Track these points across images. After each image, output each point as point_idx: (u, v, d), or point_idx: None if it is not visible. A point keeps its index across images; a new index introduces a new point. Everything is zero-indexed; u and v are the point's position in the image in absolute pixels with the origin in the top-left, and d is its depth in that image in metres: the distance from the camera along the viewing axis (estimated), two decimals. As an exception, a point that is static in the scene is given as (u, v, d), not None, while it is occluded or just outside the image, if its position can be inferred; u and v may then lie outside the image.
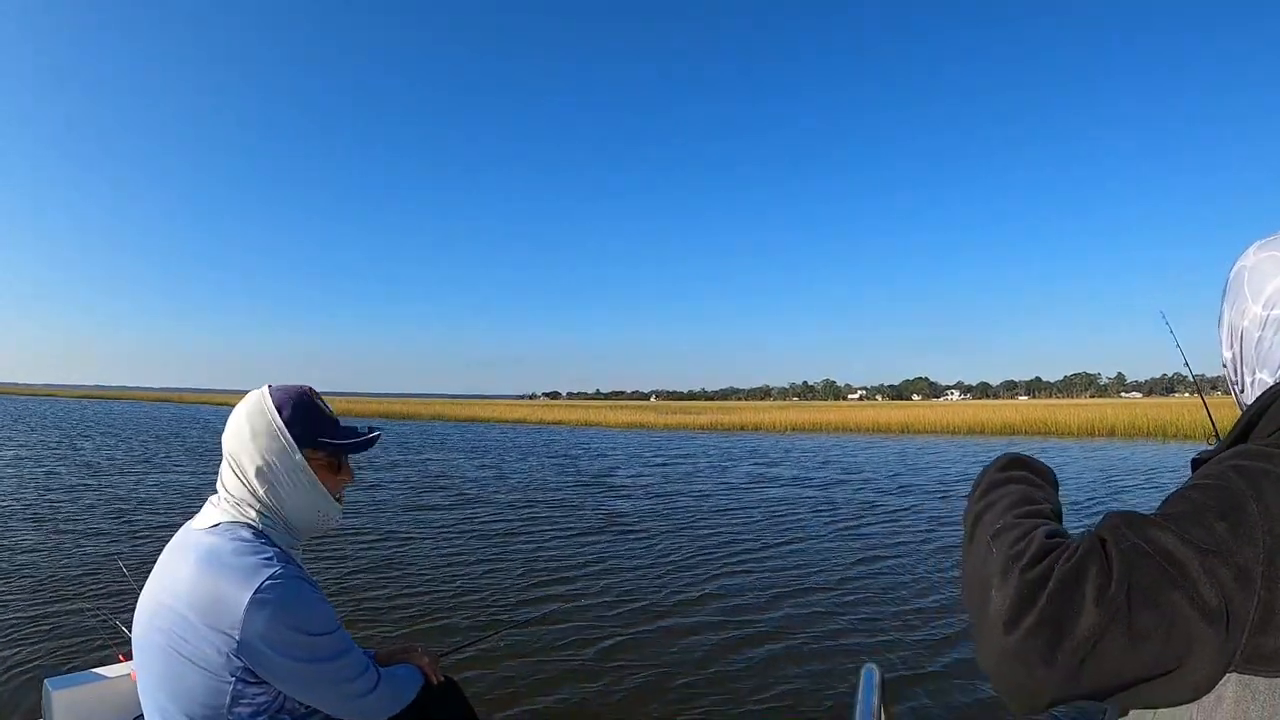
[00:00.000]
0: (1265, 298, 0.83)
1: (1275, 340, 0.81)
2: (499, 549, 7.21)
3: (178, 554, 1.24)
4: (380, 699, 1.33)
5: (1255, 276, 0.85)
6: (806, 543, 7.68)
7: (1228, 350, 0.90)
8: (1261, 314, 0.83)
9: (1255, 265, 0.86)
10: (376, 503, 10.07)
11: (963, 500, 0.85)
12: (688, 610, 5.25)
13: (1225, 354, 0.91)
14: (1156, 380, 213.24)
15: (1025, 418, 30.98)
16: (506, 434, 30.63)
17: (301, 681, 1.21)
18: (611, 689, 3.85)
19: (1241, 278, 0.87)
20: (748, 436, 30.07)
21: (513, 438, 27.60)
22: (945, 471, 15.39)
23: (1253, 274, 0.85)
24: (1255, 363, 0.84)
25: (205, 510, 1.32)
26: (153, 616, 1.21)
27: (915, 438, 28.38)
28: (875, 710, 1.18)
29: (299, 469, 1.31)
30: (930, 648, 4.46)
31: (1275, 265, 0.83)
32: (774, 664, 4.22)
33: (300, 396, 1.36)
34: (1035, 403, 69.50)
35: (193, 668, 1.15)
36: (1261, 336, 0.83)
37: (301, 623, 1.19)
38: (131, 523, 8.25)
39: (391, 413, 50.53)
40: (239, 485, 1.29)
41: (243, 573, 1.16)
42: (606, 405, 63.88)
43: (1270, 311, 0.82)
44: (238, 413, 1.33)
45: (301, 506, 1.32)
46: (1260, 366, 0.83)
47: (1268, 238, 0.88)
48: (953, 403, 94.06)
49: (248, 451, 1.28)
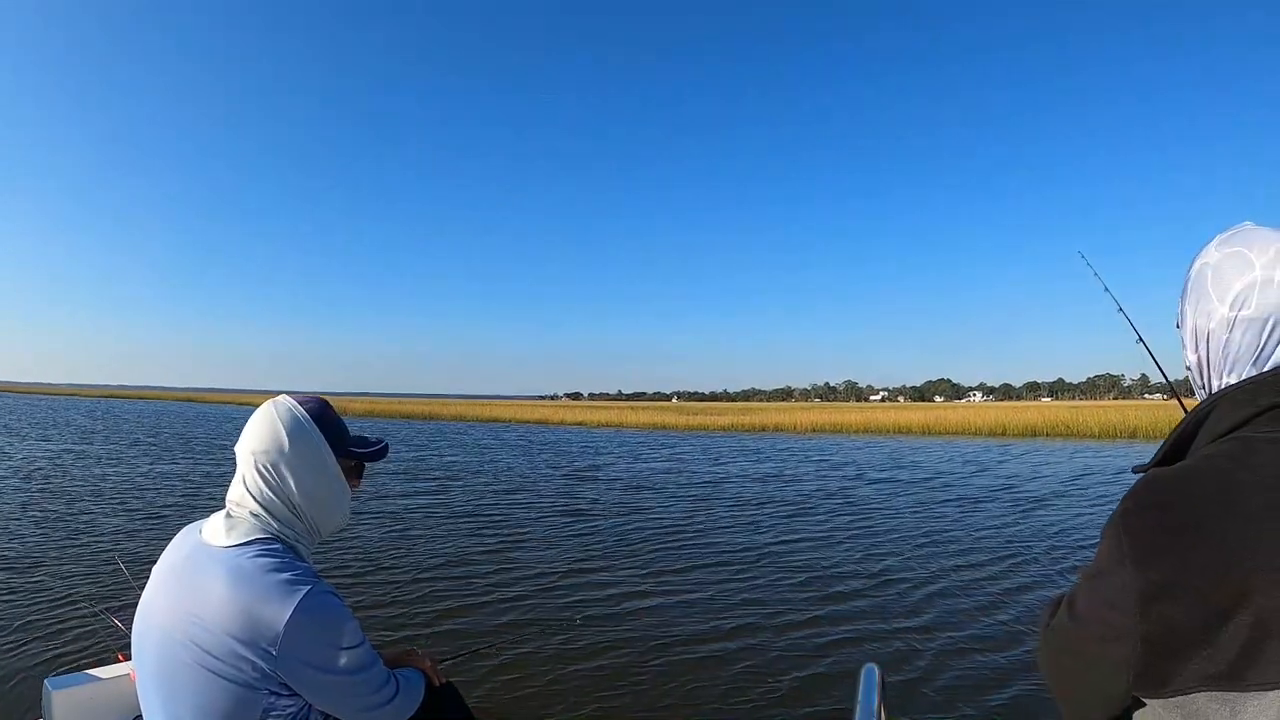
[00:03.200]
0: (1232, 297, 0.79)
1: (1244, 342, 0.78)
2: (502, 551, 7.16)
3: (200, 570, 1.23)
4: (398, 707, 1.37)
5: (1219, 275, 0.81)
6: (809, 542, 7.70)
7: (1192, 354, 0.86)
8: (1229, 315, 0.79)
9: (1218, 263, 0.82)
10: (383, 504, 10.03)
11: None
12: (688, 610, 5.25)
13: (1190, 357, 0.87)
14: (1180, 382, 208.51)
15: (1047, 419, 30.80)
16: (525, 434, 30.79)
17: (334, 693, 1.24)
18: (611, 689, 3.84)
19: (1204, 276, 0.83)
20: (768, 437, 30.10)
21: (531, 439, 27.76)
22: (957, 473, 15.35)
23: (1216, 272, 0.82)
24: (1223, 366, 0.81)
25: (220, 523, 1.28)
26: (173, 633, 1.20)
27: (936, 439, 28.28)
28: (876, 710, 1.20)
29: (335, 477, 1.36)
30: (931, 647, 4.47)
31: (1240, 262, 0.80)
32: (774, 663, 4.22)
33: (326, 406, 1.40)
34: (1057, 404, 68.70)
35: (224, 683, 1.17)
36: (1229, 339, 0.80)
37: (336, 638, 1.22)
38: (131, 521, 8.25)
39: (413, 413, 50.58)
40: (269, 495, 1.28)
41: (279, 591, 1.18)
42: (627, 406, 63.80)
43: (1238, 312, 0.79)
44: (270, 423, 1.31)
45: (332, 513, 1.37)
46: (1229, 370, 0.81)
47: (1229, 231, 0.84)
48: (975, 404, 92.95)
49: (287, 460, 1.29)
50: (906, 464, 17.42)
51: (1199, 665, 0.65)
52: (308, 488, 1.31)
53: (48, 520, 8.16)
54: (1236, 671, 0.64)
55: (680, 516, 9.46)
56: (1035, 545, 7.55)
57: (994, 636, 4.66)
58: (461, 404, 63.93)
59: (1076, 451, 20.94)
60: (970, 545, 7.56)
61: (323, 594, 1.22)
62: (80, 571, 5.95)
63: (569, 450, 21.93)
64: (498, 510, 9.82)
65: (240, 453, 1.31)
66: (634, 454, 20.91)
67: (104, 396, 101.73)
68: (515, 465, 16.77)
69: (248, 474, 1.29)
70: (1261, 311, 0.77)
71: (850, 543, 7.71)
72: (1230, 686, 0.64)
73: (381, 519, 8.81)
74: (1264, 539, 0.64)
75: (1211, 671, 0.64)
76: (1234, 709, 0.65)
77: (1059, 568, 6.52)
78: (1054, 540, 7.82)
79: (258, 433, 1.30)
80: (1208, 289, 0.82)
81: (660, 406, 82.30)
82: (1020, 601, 5.47)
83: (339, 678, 1.23)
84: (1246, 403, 0.73)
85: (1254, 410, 0.72)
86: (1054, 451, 21.07)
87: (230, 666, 1.16)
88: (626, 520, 9.12)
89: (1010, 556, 6.98)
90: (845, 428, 34.51)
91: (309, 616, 1.18)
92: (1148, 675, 0.68)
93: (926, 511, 9.84)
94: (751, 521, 9.08)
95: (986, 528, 8.60)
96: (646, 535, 8.10)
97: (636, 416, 42.59)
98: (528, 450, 21.70)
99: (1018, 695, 3.76)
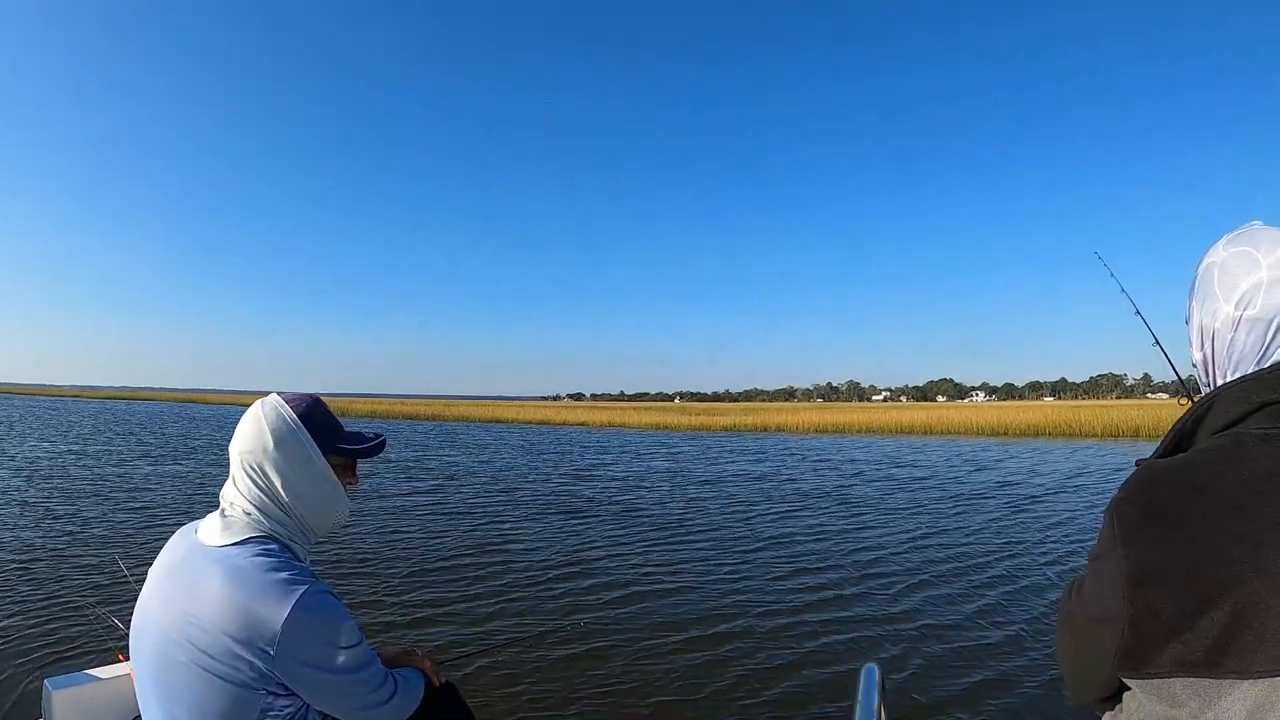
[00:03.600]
0: (1238, 297, 0.80)
1: (1249, 341, 0.79)
2: (502, 551, 7.15)
3: (196, 570, 1.23)
4: (396, 707, 1.36)
5: (1226, 274, 0.82)
6: (808, 542, 7.72)
7: (1198, 352, 0.87)
8: (1234, 314, 0.80)
9: (1225, 261, 0.82)
10: (383, 504, 10.01)
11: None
12: (688, 609, 5.24)
13: (1195, 355, 0.88)
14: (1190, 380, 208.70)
15: (1049, 419, 30.80)
16: (527, 435, 30.86)
17: (332, 693, 1.24)
18: (611, 689, 3.85)
19: (1211, 275, 0.84)
20: (769, 437, 30.15)
21: (532, 439, 27.81)
22: (956, 472, 15.37)
23: (1223, 271, 0.82)
24: (1228, 365, 0.82)
25: (215, 523, 1.28)
26: (170, 632, 1.20)
27: (938, 439, 28.35)
28: (876, 710, 1.20)
29: (324, 476, 1.35)
30: (932, 647, 4.47)
31: (1247, 261, 0.80)
32: (774, 663, 4.23)
33: (315, 404, 1.39)
34: (1060, 404, 68.72)
35: (221, 683, 1.17)
36: (1234, 338, 0.80)
37: (333, 637, 1.22)
38: (131, 521, 8.28)
39: (416, 414, 50.70)
40: (259, 495, 1.29)
41: (276, 590, 1.17)
42: (630, 406, 64.00)
43: (1243, 312, 0.79)
44: (256, 422, 1.32)
45: (324, 511, 1.36)
46: (1233, 369, 0.81)
47: (1237, 230, 0.84)
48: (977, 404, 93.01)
49: (272, 460, 1.29)
50: (905, 463, 17.47)
51: (1177, 650, 0.67)
52: (295, 487, 1.31)
53: (48, 520, 8.18)
54: (1212, 659, 0.65)
55: (678, 516, 9.47)
56: (1035, 544, 7.55)
57: (995, 636, 4.67)
58: (464, 404, 64.15)
59: (1076, 450, 20.96)
60: (971, 544, 7.58)
61: (320, 593, 1.22)
62: (80, 571, 5.97)
63: (570, 450, 22.03)
64: (497, 510, 9.84)
65: (232, 454, 1.33)
66: (634, 454, 21.02)
67: (108, 398, 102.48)
68: (515, 465, 16.83)
69: (237, 475, 1.31)
70: (1267, 312, 0.77)
71: (850, 542, 7.73)
72: (1206, 673, 0.66)
73: (381, 518, 8.83)
74: (1247, 532, 0.66)
75: (1189, 658, 0.66)
76: (1207, 696, 0.67)
77: (1060, 569, 6.50)
78: (1055, 539, 7.82)
79: (245, 433, 1.32)
80: (1214, 288, 0.83)
81: (662, 407, 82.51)
82: (1021, 601, 5.48)
83: (337, 677, 1.23)
84: (1242, 399, 0.74)
85: (1249, 407, 0.73)
86: (1054, 451, 21.10)
87: (227, 666, 1.16)
88: (624, 520, 9.14)
89: (1010, 557, 6.99)
90: (847, 428, 34.56)
91: (306, 616, 1.17)
92: (1129, 657, 0.71)
93: (923, 511, 9.86)
94: (748, 521, 9.12)
95: (985, 527, 8.62)
96: (645, 535, 8.12)
97: (639, 417, 42.77)
98: (528, 450, 21.80)
99: (1018, 695, 3.76)
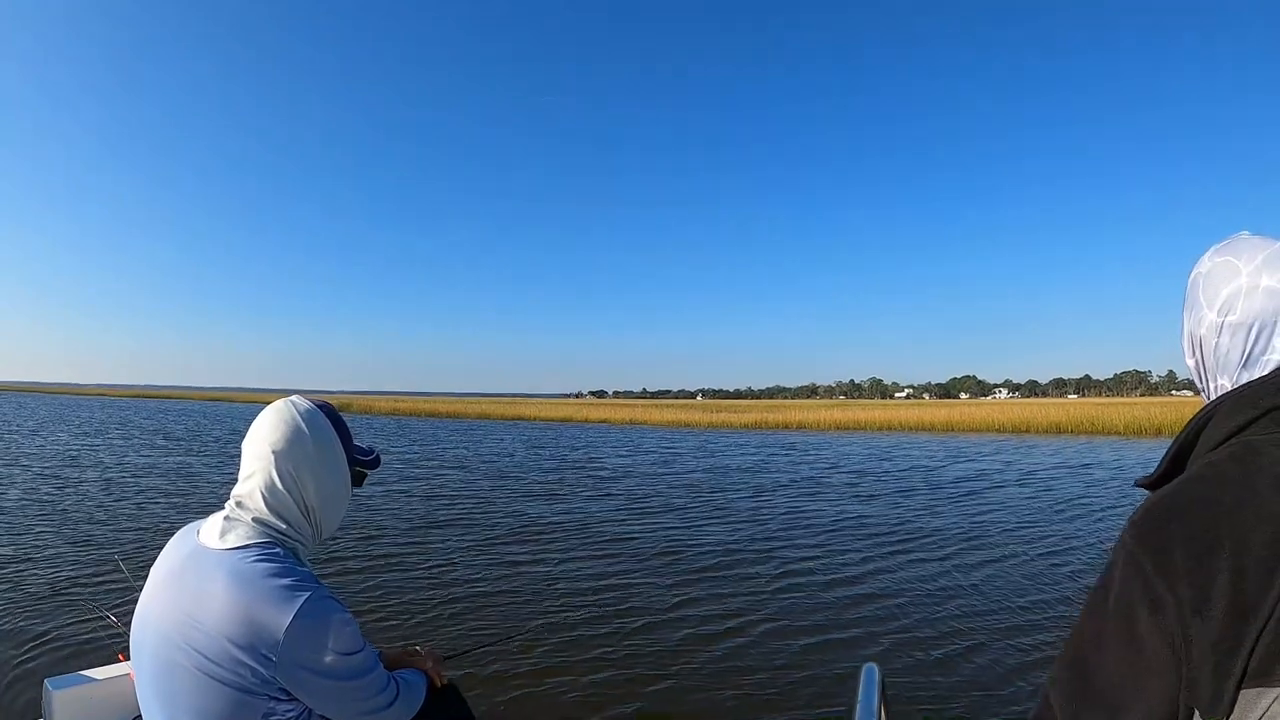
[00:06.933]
0: (1220, 303, 0.82)
1: (1231, 345, 0.81)
2: (505, 550, 7.13)
3: (198, 573, 1.20)
4: (398, 711, 1.35)
5: (1210, 283, 0.85)
6: (809, 541, 7.73)
7: (1190, 358, 0.90)
8: (1217, 320, 0.83)
9: (1210, 271, 0.85)
10: (386, 503, 9.96)
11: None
12: (689, 609, 5.26)
13: (1189, 361, 0.91)
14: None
15: (1072, 416, 30.63)
16: (547, 432, 31.04)
17: (334, 698, 1.23)
18: (611, 689, 3.86)
19: (1197, 285, 0.87)
20: (790, 434, 30.16)
21: (551, 436, 27.98)
22: (971, 470, 15.27)
23: (1208, 280, 0.85)
24: (1216, 370, 0.85)
25: (218, 524, 1.25)
26: (171, 636, 1.18)
27: (960, 436, 28.25)
28: (876, 710, 1.20)
29: (348, 481, 1.37)
30: (932, 647, 4.47)
31: (1229, 270, 0.82)
32: (774, 663, 4.24)
33: (336, 411, 1.39)
34: (1083, 401, 67.77)
35: (223, 688, 1.15)
36: (1219, 343, 0.83)
37: (336, 643, 1.20)
38: (131, 519, 8.24)
39: (437, 411, 50.95)
40: (284, 495, 1.27)
41: (279, 596, 1.15)
42: (651, 404, 63.99)
43: (1225, 318, 0.82)
44: (290, 422, 1.29)
45: (338, 516, 1.38)
46: (1220, 373, 0.84)
47: (1224, 241, 0.87)
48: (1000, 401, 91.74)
49: (311, 463, 1.28)
50: (917, 460, 17.50)
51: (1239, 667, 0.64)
52: (326, 490, 1.31)
53: (48, 520, 8.16)
54: (1265, 669, 0.63)
55: (686, 516, 9.41)
56: (1039, 544, 7.55)
57: (995, 635, 4.70)
58: (486, 402, 64.56)
59: (1099, 447, 20.91)
60: (971, 544, 7.60)
61: (323, 599, 1.20)
62: (80, 570, 5.96)
63: (587, 447, 22.07)
64: (505, 509, 9.81)
65: (254, 453, 1.29)
66: (650, 451, 20.91)
67: (132, 397, 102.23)
68: (530, 462, 16.85)
69: (261, 474, 1.27)
70: (1246, 317, 0.80)
71: (850, 541, 7.74)
72: (1264, 683, 0.64)
73: (384, 518, 8.81)
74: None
75: (1250, 669, 0.64)
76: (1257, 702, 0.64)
77: (1067, 569, 6.49)
78: (1060, 539, 7.82)
79: (278, 432, 1.28)
80: (1199, 296, 0.86)
81: (684, 404, 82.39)
82: (1022, 600, 5.51)
83: (340, 683, 1.22)
84: (1247, 406, 0.74)
85: (1255, 413, 0.73)
86: (1077, 449, 21.03)
87: (229, 671, 1.14)
88: (629, 519, 9.10)
89: (1011, 556, 7.01)
90: (867, 425, 34.52)
91: (310, 622, 1.16)
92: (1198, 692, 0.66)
93: (932, 510, 9.87)
94: (754, 520, 9.13)
95: (989, 526, 8.63)
96: (650, 535, 8.10)
97: (660, 414, 42.89)
98: (546, 447, 21.80)
99: (1018, 695, 3.79)
